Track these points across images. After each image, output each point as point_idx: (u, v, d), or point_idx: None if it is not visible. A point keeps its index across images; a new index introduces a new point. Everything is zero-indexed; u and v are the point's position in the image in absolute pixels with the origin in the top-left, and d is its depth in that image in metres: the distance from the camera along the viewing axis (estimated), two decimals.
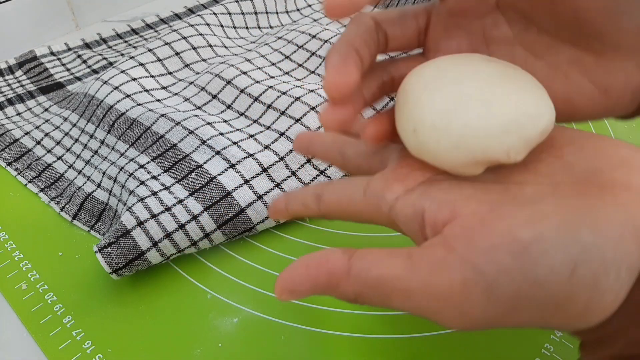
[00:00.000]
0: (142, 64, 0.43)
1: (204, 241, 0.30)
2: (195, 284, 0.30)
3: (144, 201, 0.30)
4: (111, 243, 0.28)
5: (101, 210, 0.34)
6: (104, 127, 0.38)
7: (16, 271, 0.30)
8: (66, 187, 0.36)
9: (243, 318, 0.28)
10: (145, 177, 0.33)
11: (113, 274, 0.28)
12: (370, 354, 0.26)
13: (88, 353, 0.26)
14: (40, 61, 0.48)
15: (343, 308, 0.28)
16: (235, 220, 0.31)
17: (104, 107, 0.39)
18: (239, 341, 0.27)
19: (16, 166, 0.38)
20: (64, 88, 0.46)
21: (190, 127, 0.35)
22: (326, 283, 0.16)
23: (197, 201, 0.31)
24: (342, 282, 0.16)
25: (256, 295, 0.29)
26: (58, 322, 0.28)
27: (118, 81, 0.40)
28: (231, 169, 0.32)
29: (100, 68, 0.48)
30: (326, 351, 0.26)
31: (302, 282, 0.17)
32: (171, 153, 0.34)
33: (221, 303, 0.29)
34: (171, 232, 0.29)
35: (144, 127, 0.36)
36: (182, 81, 0.43)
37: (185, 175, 0.33)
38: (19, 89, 0.46)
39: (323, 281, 0.16)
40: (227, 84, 0.40)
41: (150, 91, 0.41)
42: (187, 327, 0.28)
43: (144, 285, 0.30)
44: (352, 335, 0.27)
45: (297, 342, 0.27)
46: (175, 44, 0.45)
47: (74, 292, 0.29)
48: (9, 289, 0.30)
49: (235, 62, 0.42)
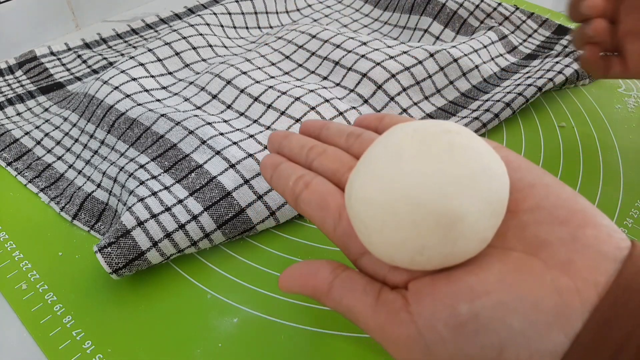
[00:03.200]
0: (142, 64, 0.43)
1: (204, 241, 0.30)
2: (195, 284, 0.30)
3: (144, 201, 0.30)
4: (111, 243, 0.28)
5: (101, 210, 0.34)
6: (104, 127, 0.38)
7: (16, 271, 0.30)
8: (66, 187, 0.36)
9: (243, 318, 0.28)
10: (145, 177, 0.33)
11: (113, 274, 0.28)
12: (370, 354, 0.26)
13: (88, 353, 0.26)
14: (40, 61, 0.48)
15: None
16: (235, 220, 0.31)
17: (104, 107, 0.39)
18: (239, 341, 0.27)
19: (16, 166, 0.38)
20: (64, 88, 0.46)
21: (190, 127, 0.35)
22: (311, 293, 0.20)
23: (197, 201, 0.31)
24: (323, 298, 0.19)
25: (256, 295, 0.29)
26: (58, 322, 0.28)
27: (118, 81, 0.40)
28: (231, 169, 0.32)
29: (100, 68, 0.48)
30: (326, 351, 0.26)
31: (294, 286, 0.20)
32: (171, 153, 0.34)
33: (221, 303, 0.29)
34: (171, 232, 0.29)
35: (144, 127, 0.36)
36: (182, 81, 0.43)
37: (185, 175, 0.33)
38: (19, 89, 0.46)
39: (309, 291, 0.20)
40: (227, 84, 0.40)
41: (150, 91, 0.41)
42: (187, 327, 0.28)
43: (144, 285, 0.30)
44: (352, 335, 0.27)
45: (297, 342, 0.27)
46: (175, 44, 0.45)
47: (74, 292, 0.29)
48: (9, 289, 0.30)
49: (235, 62, 0.42)
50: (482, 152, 0.17)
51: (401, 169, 0.17)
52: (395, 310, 0.17)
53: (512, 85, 0.43)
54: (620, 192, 0.36)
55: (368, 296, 0.18)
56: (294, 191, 0.22)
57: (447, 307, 0.16)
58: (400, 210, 0.17)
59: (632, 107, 0.44)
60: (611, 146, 0.40)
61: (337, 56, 0.43)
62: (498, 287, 0.16)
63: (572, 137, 0.41)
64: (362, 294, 0.18)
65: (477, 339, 0.16)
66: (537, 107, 0.44)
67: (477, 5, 0.52)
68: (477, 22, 0.52)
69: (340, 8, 0.59)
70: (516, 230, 0.17)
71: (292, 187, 0.22)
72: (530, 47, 0.51)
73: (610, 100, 0.45)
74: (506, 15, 0.53)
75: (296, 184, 0.22)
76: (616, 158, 0.39)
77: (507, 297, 0.15)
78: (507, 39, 0.50)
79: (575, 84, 0.46)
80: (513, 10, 0.54)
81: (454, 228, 0.16)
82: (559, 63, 0.44)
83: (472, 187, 0.16)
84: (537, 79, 0.43)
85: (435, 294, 0.17)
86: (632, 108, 0.44)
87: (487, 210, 0.16)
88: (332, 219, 0.20)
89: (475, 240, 0.16)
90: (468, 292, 0.16)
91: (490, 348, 0.15)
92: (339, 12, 0.58)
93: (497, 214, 0.17)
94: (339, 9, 0.59)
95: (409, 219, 0.16)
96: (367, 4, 0.59)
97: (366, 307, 0.18)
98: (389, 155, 0.18)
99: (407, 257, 0.17)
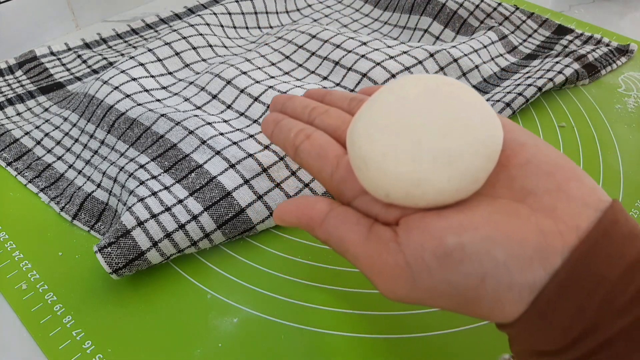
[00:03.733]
0: (142, 64, 0.43)
1: (204, 241, 0.30)
2: (195, 284, 0.30)
3: (144, 201, 0.30)
4: (111, 243, 0.28)
5: (101, 210, 0.34)
6: (104, 127, 0.38)
7: (16, 271, 0.30)
8: (66, 187, 0.36)
9: (243, 318, 0.28)
10: (145, 177, 0.33)
11: (113, 274, 0.28)
12: (370, 354, 0.26)
13: (88, 353, 0.26)
14: (40, 61, 0.48)
15: (343, 308, 0.28)
16: (235, 220, 0.31)
17: (104, 107, 0.39)
18: (239, 341, 0.27)
19: (16, 166, 0.38)
20: (64, 88, 0.46)
21: (190, 127, 0.35)
22: (305, 224, 0.20)
23: (197, 201, 0.31)
24: (316, 228, 0.20)
25: (256, 295, 0.29)
26: (58, 322, 0.28)
27: (118, 81, 0.40)
28: (231, 169, 0.32)
29: (100, 68, 0.48)
30: (326, 351, 0.26)
31: (290, 217, 0.21)
32: (171, 153, 0.34)
33: (221, 303, 0.29)
34: (171, 232, 0.29)
35: (144, 127, 0.36)
36: (182, 81, 0.43)
37: (185, 175, 0.32)
38: (19, 89, 0.46)
39: (304, 222, 0.20)
40: (227, 84, 0.40)
41: (150, 91, 0.41)
42: (187, 327, 0.28)
43: (144, 285, 0.30)
44: (352, 335, 0.27)
45: (297, 342, 0.27)
46: (175, 44, 0.45)
47: (74, 292, 0.29)
48: (9, 289, 0.30)
49: (235, 62, 0.42)
50: (481, 104, 0.19)
51: (406, 108, 0.18)
52: (385, 241, 0.18)
53: (512, 85, 0.43)
54: (620, 192, 0.36)
55: (360, 227, 0.19)
56: (294, 142, 0.23)
57: (436, 239, 0.17)
58: (401, 145, 0.18)
59: (632, 107, 0.44)
60: (611, 146, 0.40)
61: (337, 56, 0.43)
62: (486, 224, 0.17)
63: (572, 137, 0.41)
64: (355, 225, 0.19)
65: (461, 268, 0.16)
66: (537, 107, 0.44)
67: (477, 5, 0.52)
68: (477, 22, 0.52)
69: (340, 8, 0.59)
70: (505, 181, 0.18)
71: (293, 138, 0.23)
72: (530, 47, 0.51)
73: (610, 100, 0.45)
74: (506, 15, 0.53)
75: (297, 135, 0.23)
76: (616, 158, 0.39)
77: (493, 233, 0.16)
78: (507, 39, 0.50)
79: (575, 84, 0.46)
80: (513, 10, 0.54)
81: (450, 165, 0.17)
82: (559, 63, 0.44)
83: (470, 130, 0.18)
84: (537, 79, 0.43)
85: (425, 227, 0.17)
86: (632, 108, 0.44)
87: (481, 152, 0.17)
88: (330, 166, 0.21)
89: (468, 179, 0.17)
90: (457, 227, 0.17)
91: (473, 277, 0.16)
92: (339, 12, 0.58)
93: (490, 158, 0.18)
94: (339, 9, 0.59)
95: (408, 154, 0.18)
96: (367, 4, 0.59)
97: (357, 238, 0.19)
98: (394, 97, 0.19)
99: (402, 190, 0.18)
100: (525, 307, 0.16)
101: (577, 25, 0.55)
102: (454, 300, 0.17)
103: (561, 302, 0.16)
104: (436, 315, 0.28)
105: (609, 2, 0.61)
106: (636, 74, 0.48)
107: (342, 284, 0.30)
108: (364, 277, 0.30)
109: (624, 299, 0.15)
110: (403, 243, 0.17)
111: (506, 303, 0.17)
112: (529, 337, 0.17)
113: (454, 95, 0.18)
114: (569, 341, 0.16)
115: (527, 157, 0.18)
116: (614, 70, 0.48)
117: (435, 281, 0.17)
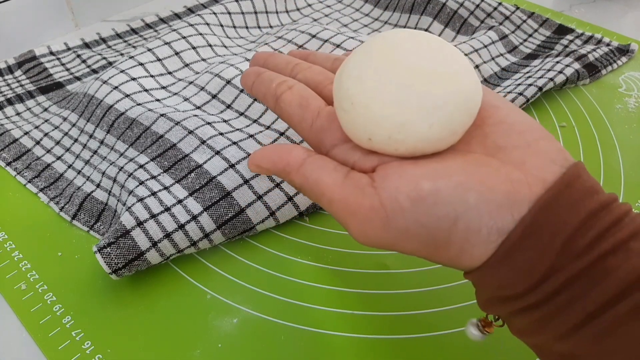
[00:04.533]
0: (142, 64, 0.42)
1: (204, 241, 0.30)
2: (195, 284, 0.30)
3: (143, 201, 0.30)
4: (111, 243, 0.28)
5: (100, 211, 0.34)
6: (104, 127, 0.38)
7: (15, 271, 0.30)
8: (65, 187, 0.36)
9: (243, 318, 0.28)
10: (145, 177, 0.33)
11: (112, 274, 0.28)
12: (370, 354, 0.26)
13: (87, 353, 0.26)
14: (40, 61, 0.48)
15: (343, 308, 0.28)
16: (235, 221, 0.31)
17: (103, 106, 0.39)
18: (239, 341, 0.27)
19: (15, 166, 0.37)
20: (64, 88, 0.46)
21: (189, 127, 0.35)
22: (282, 169, 0.20)
23: (196, 201, 0.31)
24: (293, 173, 0.20)
25: (256, 295, 0.29)
26: (57, 323, 0.28)
27: (117, 81, 0.40)
28: (231, 169, 0.32)
29: (99, 68, 0.48)
30: (326, 351, 0.26)
31: (266, 162, 0.21)
32: (171, 153, 0.34)
33: (221, 303, 0.29)
34: (171, 232, 0.29)
35: (144, 127, 0.36)
36: (182, 81, 0.43)
37: (185, 175, 0.32)
38: (19, 89, 0.46)
39: (280, 167, 0.20)
40: (227, 83, 0.40)
41: (149, 91, 0.41)
42: (187, 327, 0.27)
43: (144, 286, 0.30)
44: (352, 335, 0.27)
45: (297, 342, 0.27)
46: (174, 43, 0.45)
47: (73, 292, 0.29)
48: (9, 289, 0.29)
49: (235, 62, 0.42)
50: (468, 65, 0.19)
51: (396, 55, 0.19)
52: (361, 186, 0.19)
53: (513, 85, 0.43)
54: (620, 192, 0.36)
55: (337, 174, 0.19)
56: (275, 92, 0.23)
57: (411, 183, 0.18)
58: (388, 88, 0.18)
59: (633, 107, 0.44)
60: (612, 146, 0.40)
61: None
62: (460, 172, 0.18)
63: (572, 137, 0.41)
64: (332, 171, 0.20)
65: (434, 210, 0.17)
66: (537, 106, 0.44)
67: (477, 5, 0.52)
68: (478, 21, 0.52)
69: (340, 7, 0.59)
70: (479, 138, 0.19)
71: (275, 88, 0.23)
72: (531, 47, 0.51)
73: (610, 100, 0.45)
74: (507, 14, 0.53)
75: (279, 86, 0.23)
76: (617, 158, 0.39)
77: (467, 180, 0.17)
78: (508, 39, 0.50)
79: (575, 84, 0.46)
80: (513, 10, 0.54)
81: (433, 112, 0.18)
82: (559, 63, 0.44)
83: (455, 83, 0.18)
84: (537, 78, 0.43)
85: (401, 173, 0.18)
86: (633, 108, 0.44)
87: (463, 105, 0.18)
88: (310, 115, 0.22)
89: (447, 129, 0.18)
90: (432, 173, 0.18)
91: (445, 219, 0.17)
92: (339, 12, 0.58)
93: (469, 113, 0.19)
94: (339, 8, 0.59)
95: (394, 97, 0.18)
96: (367, 4, 0.59)
97: (334, 181, 0.19)
98: (386, 44, 0.20)
99: (386, 132, 0.18)
100: (492, 251, 0.17)
101: (577, 25, 0.55)
102: (424, 242, 0.18)
103: (525, 245, 0.17)
104: (436, 316, 0.28)
105: (610, 2, 0.60)
106: (637, 74, 0.48)
107: (342, 284, 0.30)
108: (364, 277, 0.30)
109: (583, 242, 0.16)
110: (379, 187, 0.18)
111: (475, 245, 0.17)
112: (494, 281, 0.18)
113: (443, 50, 0.19)
114: (532, 283, 0.17)
115: (500, 117, 0.19)
116: (615, 70, 0.48)
117: (408, 222, 0.17)
